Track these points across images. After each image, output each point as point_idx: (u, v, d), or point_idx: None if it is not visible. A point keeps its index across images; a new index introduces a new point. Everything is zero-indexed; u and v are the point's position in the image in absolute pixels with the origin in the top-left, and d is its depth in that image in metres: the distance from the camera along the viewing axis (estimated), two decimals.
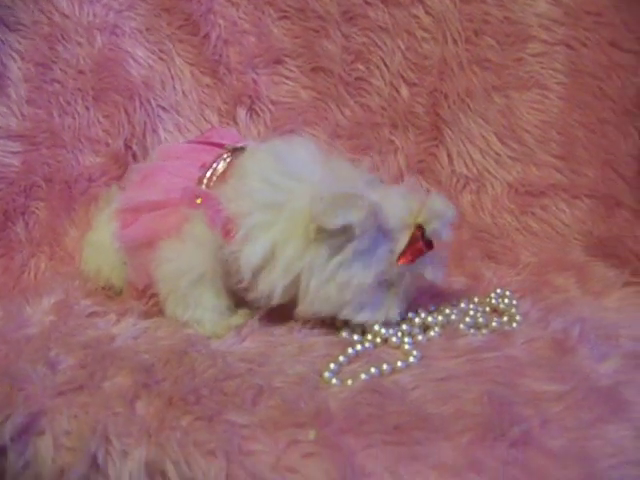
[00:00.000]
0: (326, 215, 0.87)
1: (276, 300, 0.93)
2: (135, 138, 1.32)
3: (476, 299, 1.04)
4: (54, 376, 0.81)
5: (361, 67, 1.35)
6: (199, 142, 1.11)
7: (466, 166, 1.30)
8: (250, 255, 0.91)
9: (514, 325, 0.96)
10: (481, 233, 1.27)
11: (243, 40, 1.37)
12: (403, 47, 1.32)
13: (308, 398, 0.76)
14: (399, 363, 0.85)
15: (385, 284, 0.93)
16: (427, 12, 1.32)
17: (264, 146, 1.01)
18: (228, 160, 1.01)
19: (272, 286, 0.92)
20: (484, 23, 1.30)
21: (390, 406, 0.74)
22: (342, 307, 0.91)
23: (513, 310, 0.99)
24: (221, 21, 1.34)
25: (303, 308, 0.93)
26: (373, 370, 0.84)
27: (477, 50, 1.30)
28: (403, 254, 0.91)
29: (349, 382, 0.81)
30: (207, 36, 1.35)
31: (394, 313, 0.94)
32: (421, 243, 0.91)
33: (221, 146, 1.04)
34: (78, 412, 0.74)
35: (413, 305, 1.01)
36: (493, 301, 1.03)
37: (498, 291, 1.05)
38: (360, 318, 0.93)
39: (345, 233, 0.88)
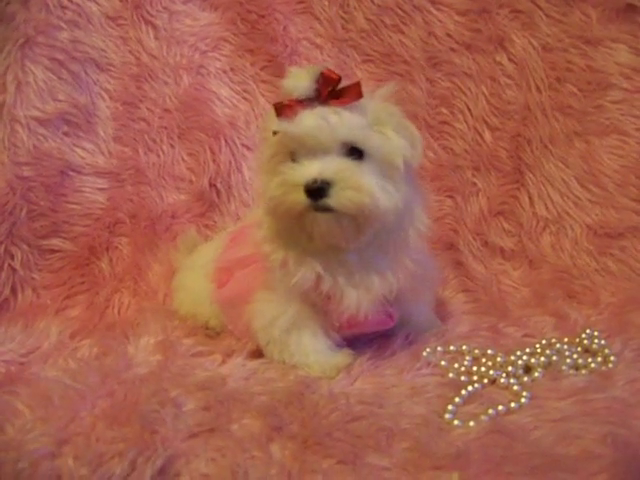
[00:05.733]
0: None
1: None
2: (219, 177, 1.34)
3: (566, 339, 1.06)
4: (183, 418, 0.82)
5: (445, 111, 1.37)
6: None
7: (547, 208, 1.33)
8: None
9: (610, 366, 0.98)
10: (561, 273, 1.29)
11: None
12: (487, 93, 1.35)
13: (438, 440, 0.77)
14: (513, 404, 0.87)
15: None
16: (510, 59, 1.35)
17: None
18: None
19: None
20: (567, 71, 1.33)
21: (518, 447, 0.75)
22: None
23: (606, 351, 1.01)
24: (305, 63, 1.36)
25: None
26: (491, 411, 0.85)
27: (559, 97, 1.33)
28: None
29: (471, 424, 0.83)
30: None
31: None
32: None
33: None
34: (215, 455, 0.75)
35: (510, 345, 1.04)
36: (585, 342, 1.05)
37: (588, 331, 1.07)
38: None
39: None
